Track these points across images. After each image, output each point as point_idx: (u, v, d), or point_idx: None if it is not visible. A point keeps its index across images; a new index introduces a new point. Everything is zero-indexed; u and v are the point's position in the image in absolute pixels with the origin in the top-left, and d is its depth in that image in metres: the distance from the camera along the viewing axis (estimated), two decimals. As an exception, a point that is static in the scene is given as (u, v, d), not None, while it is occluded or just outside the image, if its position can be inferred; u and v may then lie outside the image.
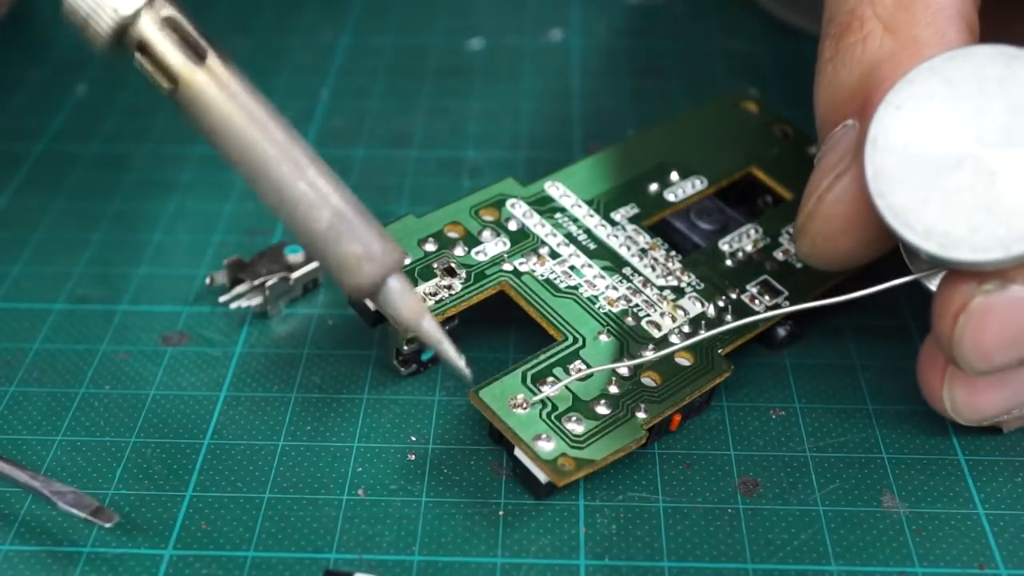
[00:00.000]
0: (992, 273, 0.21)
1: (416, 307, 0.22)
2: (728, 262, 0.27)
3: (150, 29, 0.21)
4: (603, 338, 0.25)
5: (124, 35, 0.21)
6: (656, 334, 0.25)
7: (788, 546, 0.22)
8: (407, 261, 0.25)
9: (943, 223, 0.20)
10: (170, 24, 0.21)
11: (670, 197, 0.28)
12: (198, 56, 0.21)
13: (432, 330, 0.22)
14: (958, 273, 0.21)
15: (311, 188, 0.21)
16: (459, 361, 0.22)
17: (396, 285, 0.22)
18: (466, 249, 0.26)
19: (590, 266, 0.26)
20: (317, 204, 0.21)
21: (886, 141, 0.21)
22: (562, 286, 0.26)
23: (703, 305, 0.26)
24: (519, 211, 0.27)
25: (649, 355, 0.24)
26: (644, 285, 0.26)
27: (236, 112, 0.21)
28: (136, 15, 0.21)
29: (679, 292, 0.26)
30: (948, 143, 0.21)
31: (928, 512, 0.23)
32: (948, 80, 0.21)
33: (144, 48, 0.21)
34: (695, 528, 0.23)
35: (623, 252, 0.27)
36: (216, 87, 0.21)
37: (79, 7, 0.20)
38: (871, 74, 0.22)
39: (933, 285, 0.22)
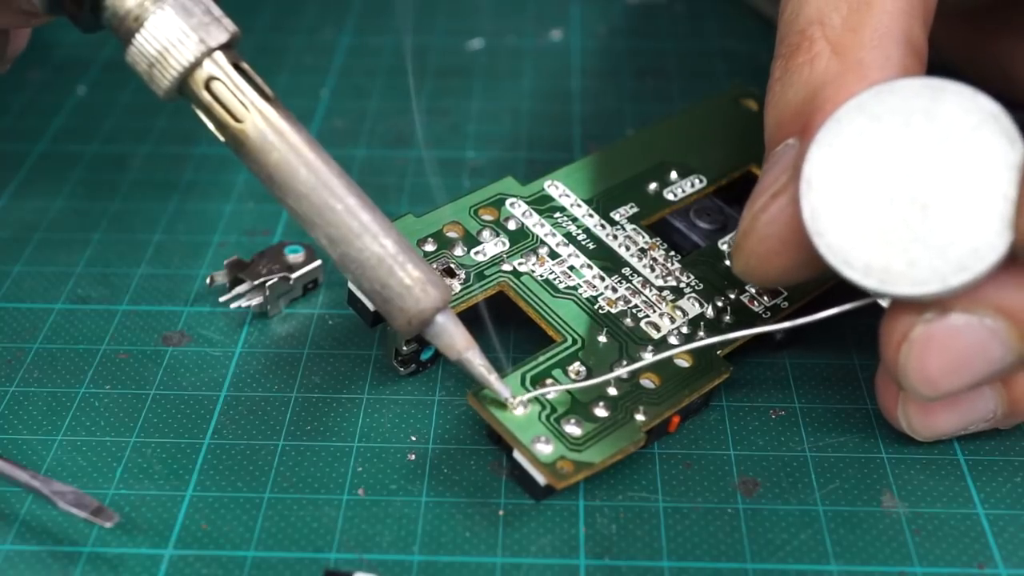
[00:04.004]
0: (932, 303, 0.21)
1: (466, 340, 0.23)
2: (727, 262, 0.27)
3: (223, 66, 0.22)
4: (602, 339, 0.25)
5: (189, 78, 0.22)
6: (655, 335, 0.25)
7: (788, 546, 0.22)
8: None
9: (881, 259, 0.20)
10: (236, 66, 0.22)
11: (669, 196, 0.28)
12: (265, 96, 0.22)
13: (480, 363, 0.23)
14: (899, 302, 0.21)
15: (371, 221, 0.22)
16: (506, 392, 0.23)
17: (448, 318, 0.23)
18: (465, 249, 0.26)
19: (589, 266, 0.26)
20: (376, 235, 0.22)
21: (820, 180, 0.21)
22: (561, 287, 0.26)
23: (702, 306, 0.26)
24: (518, 210, 0.27)
25: (648, 356, 0.24)
26: (643, 286, 0.26)
27: (303, 150, 0.22)
28: (208, 53, 0.21)
29: (678, 292, 0.26)
30: (879, 179, 0.21)
31: (928, 512, 0.23)
32: (875, 115, 0.21)
33: (212, 88, 0.21)
34: (695, 528, 0.23)
35: (622, 252, 0.27)
36: (285, 123, 0.22)
37: (145, 51, 0.21)
38: (815, 95, 0.22)
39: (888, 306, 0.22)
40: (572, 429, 0.23)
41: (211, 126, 0.22)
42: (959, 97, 0.20)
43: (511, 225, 0.27)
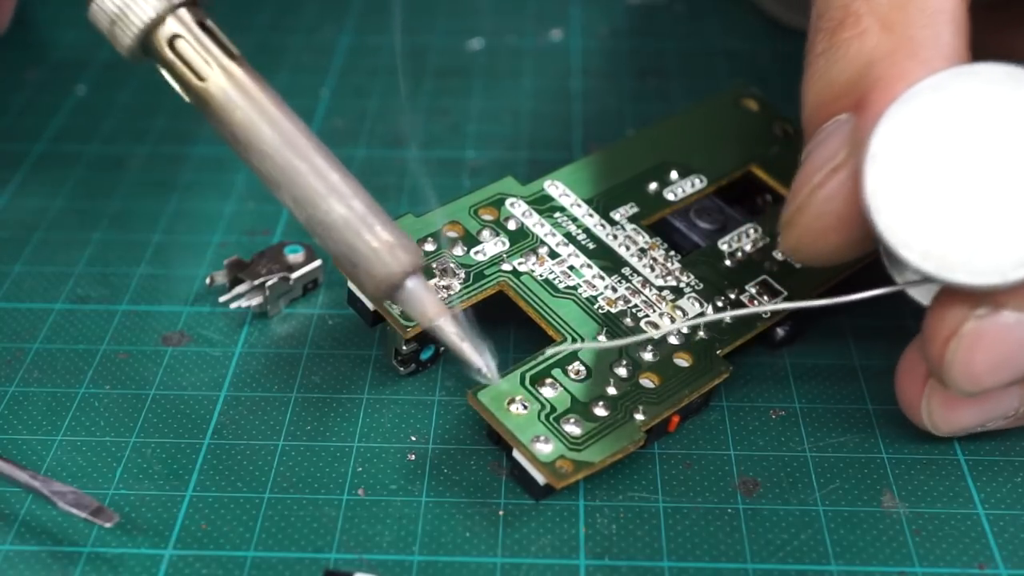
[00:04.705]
0: (984, 296, 0.20)
1: (437, 307, 0.22)
2: (727, 262, 0.27)
3: (188, 23, 0.21)
4: (602, 339, 0.25)
5: (152, 36, 0.21)
6: (655, 335, 0.25)
7: (788, 546, 0.22)
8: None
9: (941, 244, 0.20)
10: (201, 24, 0.21)
11: (669, 196, 0.28)
12: (230, 54, 0.21)
13: (452, 331, 0.22)
14: (949, 295, 0.21)
15: (339, 182, 0.21)
16: (479, 362, 0.22)
17: (418, 283, 0.22)
18: (465, 249, 0.26)
19: (589, 266, 0.26)
20: (343, 196, 0.21)
21: (886, 157, 0.21)
22: (561, 286, 0.26)
23: (702, 306, 0.26)
24: (518, 210, 0.27)
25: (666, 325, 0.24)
26: (643, 285, 0.26)
27: (268, 108, 0.21)
28: (171, 9, 0.21)
29: (678, 292, 0.26)
30: (948, 162, 0.20)
31: (928, 512, 0.23)
32: (953, 98, 0.20)
33: (175, 45, 0.21)
34: (695, 528, 0.23)
35: (622, 252, 0.27)
36: (250, 80, 0.21)
37: (106, 8, 0.21)
38: (867, 72, 0.22)
39: (918, 295, 0.22)
40: (572, 428, 0.23)
41: (176, 86, 0.22)
42: None
43: (511, 225, 0.27)
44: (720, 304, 0.26)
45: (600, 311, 0.25)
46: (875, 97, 0.21)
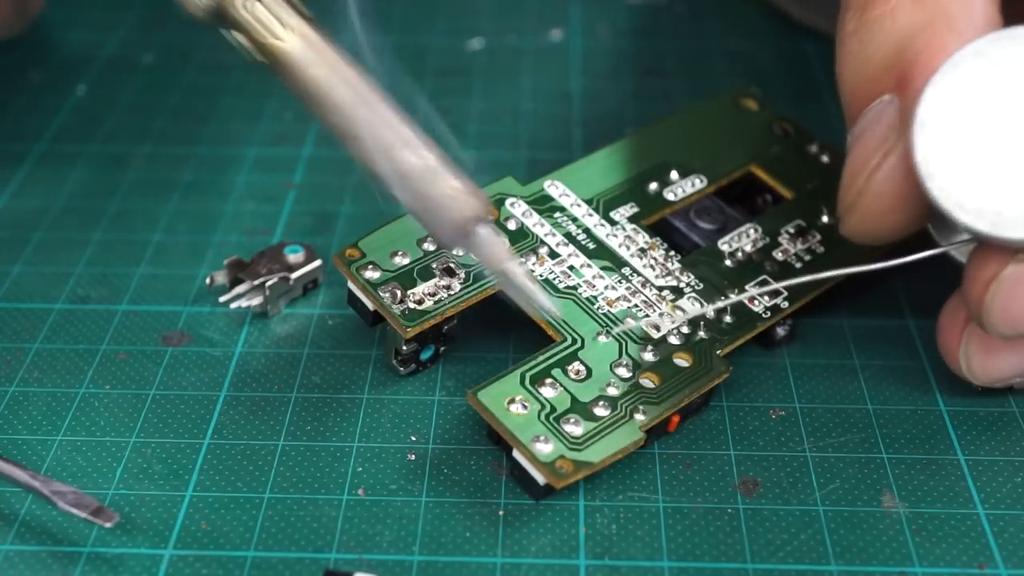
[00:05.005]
0: None
1: (507, 251, 0.23)
2: (727, 262, 0.27)
3: None
4: (602, 339, 0.25)
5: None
6: (655, 335, 0.25)
7: (788, 546, 0.22)
8: (406, 261, 0.25)
9: (994, 203, 0.21)
10: None
11: (669, 196, 0.28)
12: (303, 15, 0.22)
13: (522, 273, 0.23)
14: (990, 244, 0.21)
15: (411, 134, 0.22)
16: (551, 306, 0.23)
17: (489, 230, 0.23)
18: (466, 249, 0.26)
19: (589, 266, 0.26)
20: (416, 147, 0.22)
21: (934, 124, 0.21)
22: (561, 286, 0.26)
23: (702, 306, 0.26)
24: (518, 210, 0.27)
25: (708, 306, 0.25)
26: (643, 285, 0.26)
27: (341, 66, 0.22)
28: None
29: (678, 292, 0.26)
30: (996, 124, 0.21)
31: (928, 512, 0.23)
32: (994, 62, 0.21)
33: (250, 7, 0.22)
34: (695, 528, 0.23)
35: (622, 252, 0.27)
36: (322, 40, 0.22)
37: None
38: (905, 48, 0.22)
39: (963, 256, 0.22)
40: (571, 428, 0.23)
41: (249, 46, 0.22)
42: None
43: (511, 225, 0.27)
44: (720, 304, 0.26)
45: (600, 311, 0.25)
46: (917, 72, 0.22)
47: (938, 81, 0.21)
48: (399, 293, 0.25)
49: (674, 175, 0.29)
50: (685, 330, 0.25)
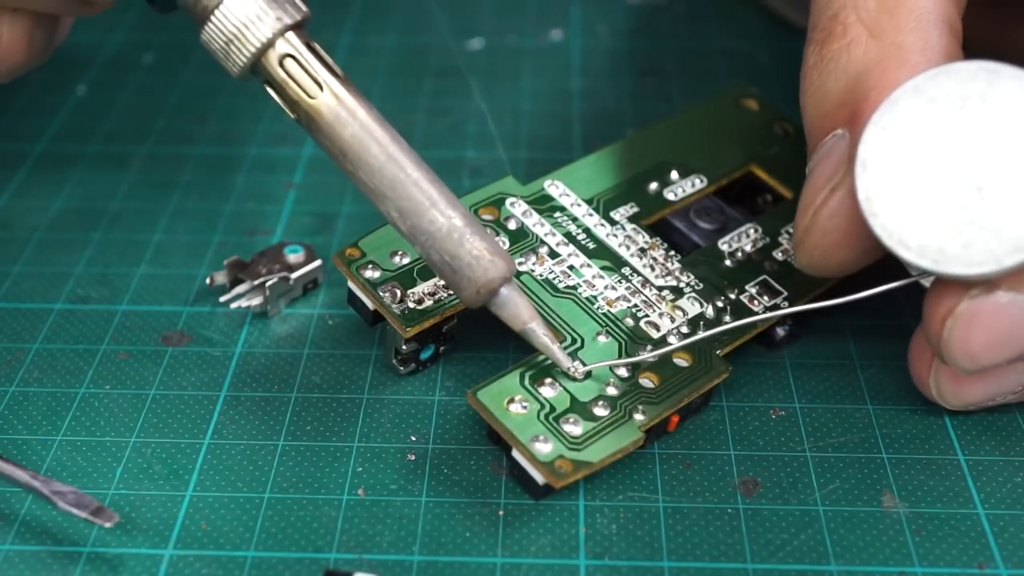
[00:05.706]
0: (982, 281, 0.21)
1: (530, 311, 0.23)
2: (727, 262, 0.27)
3: (297, 45, 0.22)
4: (602, 339, 0.25)
5: (264, 56, 0.22)
6: (655, 335, 0.25)
7: (788, 546, 0.22)
8: (406, 261, 0.26)
9: (936, 240, 0.21)
10: (308, 45, 0.23)
11: (670, 196, 0.28)
12: (335, 74, 0.23)
13: (543, 332, 0.23)
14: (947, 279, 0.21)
15: (440, 195, 0.22)
16: (568, 363, 0.23)
17: (514, 290, 0.23)
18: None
19: (589, 266, 0.26)
20: (445, 208, 0.22)
21: (875, 162, 0.21)
22: (561, 286, 0.26)
23: (702, 306, 0.26)
24: (518, 210, 0.27)
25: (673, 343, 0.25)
26: (643, 285, 0.26)
27: (373, 126, 0.22)
28: (283, 31, 0.22)
29: (678, 292, 0.26)
30: (935, 161, 0.21)
31: (928, 512, 0.23)
32: (932, 98, 0.21)
33: (285, 65, 0.22)
34: (695, 528, 0.23)
35: (622, 252, 0.27)
36: (355, 99, 0.22)
37: (223, 29, 0.22)
38: (858, 83, 0.22)
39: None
40: (571, 428, 0.23)
41: (282, 104, 0.23)
42: (1016, 81, 0.21)
43: (511, 225, 0.27)
44: (720, 304, 0.26)
45: (600, 311, 0.25)
46: (867, 108, 0.22)
47: (878, 119, 0.21)
48: (399, 293, 0.25)
49: (674, 175, 0.29)
50: (685, 330, 0.25)
